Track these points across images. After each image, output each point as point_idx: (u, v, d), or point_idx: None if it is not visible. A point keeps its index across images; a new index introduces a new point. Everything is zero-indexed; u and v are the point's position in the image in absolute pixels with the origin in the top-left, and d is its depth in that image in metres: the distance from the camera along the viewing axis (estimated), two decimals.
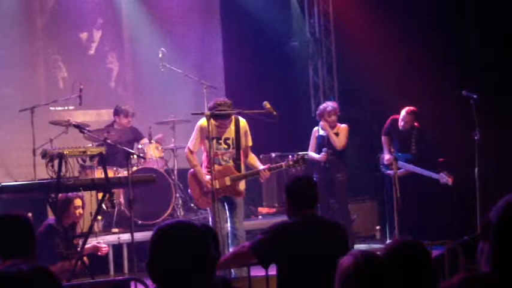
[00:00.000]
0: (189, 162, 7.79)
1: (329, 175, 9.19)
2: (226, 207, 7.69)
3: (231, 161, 7.64)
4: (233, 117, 7.60)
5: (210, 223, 7.53)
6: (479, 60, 9.83)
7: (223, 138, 7.60)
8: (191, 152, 7.71)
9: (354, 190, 10.27)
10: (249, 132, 7.74)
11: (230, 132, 7.62)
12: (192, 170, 7.79)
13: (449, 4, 10.11)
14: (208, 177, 7.49)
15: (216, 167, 7.50)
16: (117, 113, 9.78)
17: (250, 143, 7.75)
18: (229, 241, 7.62)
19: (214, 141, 7.50)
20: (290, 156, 7.86)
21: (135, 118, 10.53)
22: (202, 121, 7.55)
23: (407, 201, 8.80)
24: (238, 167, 7.66)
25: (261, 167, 7.70)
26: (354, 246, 8.56)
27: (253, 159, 7.79)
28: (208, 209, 7.83)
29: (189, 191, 7.98)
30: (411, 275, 2.94)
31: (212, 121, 7.39)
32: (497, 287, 2.31)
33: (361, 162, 10.44)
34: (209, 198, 7.45)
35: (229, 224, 7.69)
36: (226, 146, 7.61)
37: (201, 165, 7.79)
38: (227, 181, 7.56)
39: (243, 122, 7.68)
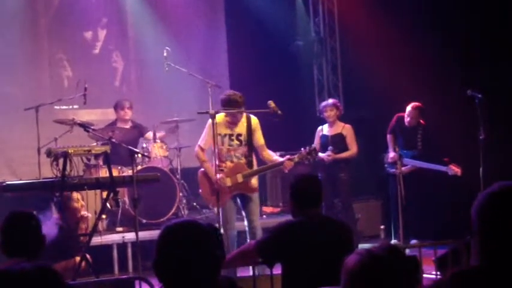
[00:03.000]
0: (198, 159, 7.67)
1: (333, 174, 9.23)
2: (240, 204, 7.62)
3: (243, 158, 7.60)
4: (244, 114, 7.56)
5: (221, 222, 7.51)
6: (484, 59, 9.81)
7: (235, 134, 7.56)
8: (202, 149, 7.62)
9: (358, 189, 10.26)
10: (259, 130, 7.69)
11: (242, 128, 7.57)
12: (202, 169, 7.70)
13: (454, 3, 10.08)
14: (218, 175, 7.44)
15: (228, 163, 7.48)
16: (115, 107, 9.87)
17: (262, 141, 7.69)
18: (248, 239, 7.49)
19: (227, 137, 7.49)
20: (302, 149, 7.86)
21: (140, 116, 10.55)
22: (215, 118, 7.54)
23: (411, 200, 8.79)
24: (250, 164, 7.60)
25: (280, 159, 7.65)
26: (358, 246, 8.56)
27: (270, 154, 7.72)
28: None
29: (199, 190, 7.83)
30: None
31: (224, 118, 7.39)
32: (486, 280, 2.31)
33: (366, 162, 10.43)
34: (221, 196, 7.42)
35: (246, 222, 7.60)
36: (238, 142, 7.56)
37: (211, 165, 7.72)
38: (239, 178, 7.49)
39: (254, 119, 7.64)
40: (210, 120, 7.56)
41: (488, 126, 8.54)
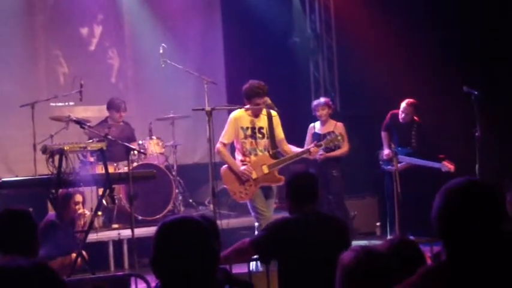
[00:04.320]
0: (221, 156, 7.53)
1: (324, 171, 9.28)
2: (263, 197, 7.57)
3: (266, 151, 7.53)
4: (264, 108, 7.53)
5: (253, 215, 7.50)
6: (481, 56, 9.82)
7: (257, 127, 7.52)
8: (224, 145, 7.52)
9: (354, 187, 10.27)
10: (280, 124, 7.64)
11: (263, 122, 7.54)
12: (225, 165, 7.58)
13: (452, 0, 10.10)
14: (243, 167, 7.43)
15: (252, 157, 7.46)
16: (108, 107, 9.72)
17: (282, 135, 7.65)
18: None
19: (249, 130, 7.47)
20: (328, 136, 7.90)
21: (136, 113, 10.53)
22: (236, 113, 7.51)
23: (407, 197, 8.80)
24: (274, 156, 7.55)
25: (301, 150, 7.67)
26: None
27: (290, 148, 7.68)
28: (248, 201, 7.60)
29: (224, 186, 7.70)
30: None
31: (245, 111, 7.43)
32: (456, 276, 2.32)
33: (362, 159, 10.44)
34: (247, 190, 7.40)
35: None
36: (260, 136, 7.52)
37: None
38: (264, 169, 7.44)
39: (274, 113, 7.60)
40: (231, 116, 7.53)
41: (485, 123, 8.54)
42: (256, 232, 7.35)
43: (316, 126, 9.44)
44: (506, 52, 9.60)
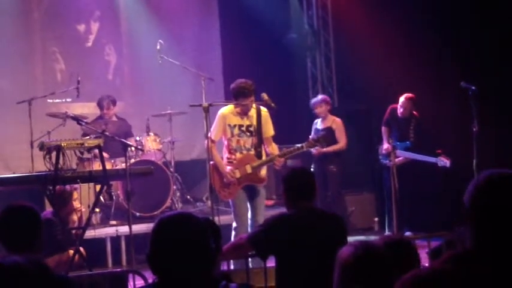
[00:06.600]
0: (209, 152, 7.42)
1: (323, 166, 9.39)
2: (247, 196, 7.49)
3: (252, 149, 7.45)
4: (254, 105, 7.46)
5: (233, 215, 7.49)
6: (478, 52, 9.80)
7: (245, 125, 7.43)
8: (212, 141, 7.46)
9: (351, 182, 10.27)
10: (270, 121, 7.57)
11: (252, 119, 7.44)
12: (212, 162, 7.50)
13: None
14: (228, 167, 7.39)
15: (238, 155, 7.42)
16: (97, 104, 9.84)
17: (272, 132, 7.57)
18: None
19: (237, 128, 7.41)
20: (310, 137, 7.83)
21: (133, 109, 10.52)
22: (224, 109, 7.46)
23: (405, 192, 8.82)
24: (259, 155, 7.45)
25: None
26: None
27: (274, 148, 7.58)
28: (230, 201, 7.60)
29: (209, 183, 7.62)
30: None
31: (234, 108, 7.38)
32: (480, 261, 2.32)
33: (359, 154, 10.43)
34: (231, 189, 7.38)
35: (250, 214, 7.46)
36: (248, 133, 7.45)
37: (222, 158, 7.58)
38: (248, 169, 7.38)
39: (264, 110, 7.50)
40: (220, 112, 7.48)
41: (482, 118, 8.54)
42: (233, 232, 7.35)
43: (318, 122, 9.59)
44: (505, 49, 9.59)
